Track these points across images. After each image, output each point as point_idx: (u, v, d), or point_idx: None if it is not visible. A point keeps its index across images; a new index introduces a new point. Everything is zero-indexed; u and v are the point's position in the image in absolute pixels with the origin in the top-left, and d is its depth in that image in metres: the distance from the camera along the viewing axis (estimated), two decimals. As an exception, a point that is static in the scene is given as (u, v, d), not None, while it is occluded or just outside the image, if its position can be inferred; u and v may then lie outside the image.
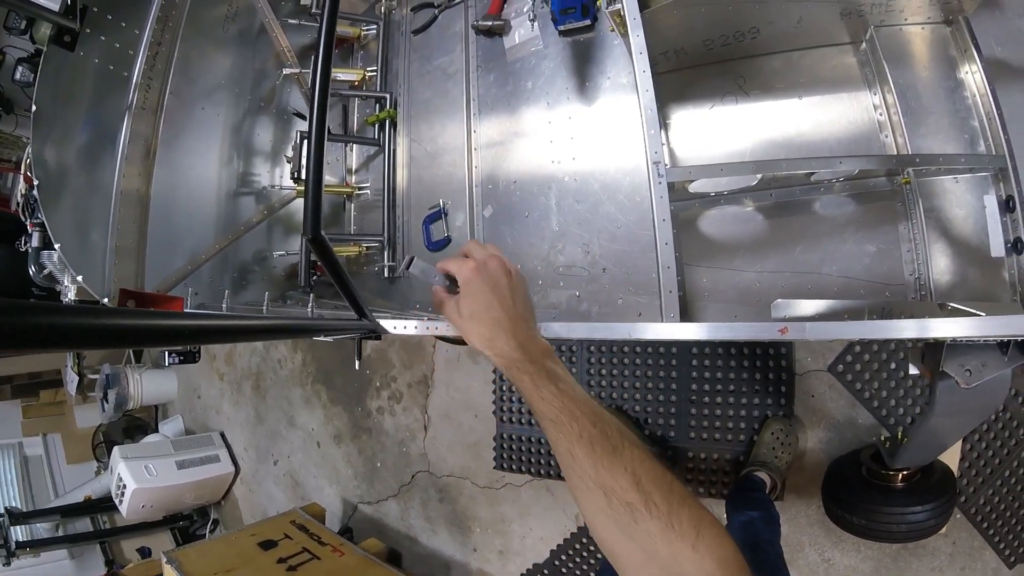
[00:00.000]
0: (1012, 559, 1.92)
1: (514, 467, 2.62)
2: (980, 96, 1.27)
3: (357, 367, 1.24)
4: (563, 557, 2.56)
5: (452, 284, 0.96)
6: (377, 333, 1.19)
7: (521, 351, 0.85)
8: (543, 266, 1.62)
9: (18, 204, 1.84)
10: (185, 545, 2.86)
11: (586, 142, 1.61)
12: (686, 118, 1.52)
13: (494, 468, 2.69)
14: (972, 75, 1.28)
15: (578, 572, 2.53)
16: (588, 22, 1.58)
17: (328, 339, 1.52)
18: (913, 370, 1.29)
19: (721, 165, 1.22)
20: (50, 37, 1.60)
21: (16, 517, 3.67)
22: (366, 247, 1.97)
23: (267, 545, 2.74)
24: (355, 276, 2.03)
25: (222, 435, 4.04)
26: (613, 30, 1.47)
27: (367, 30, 2.09)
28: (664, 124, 1.50)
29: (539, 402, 0.81)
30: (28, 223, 1.83)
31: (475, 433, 2.76)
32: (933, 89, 1.32)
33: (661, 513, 0.68)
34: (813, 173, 1.29)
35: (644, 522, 0.68)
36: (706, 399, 2.20)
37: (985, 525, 1.92)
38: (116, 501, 3.54)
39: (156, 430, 4.41)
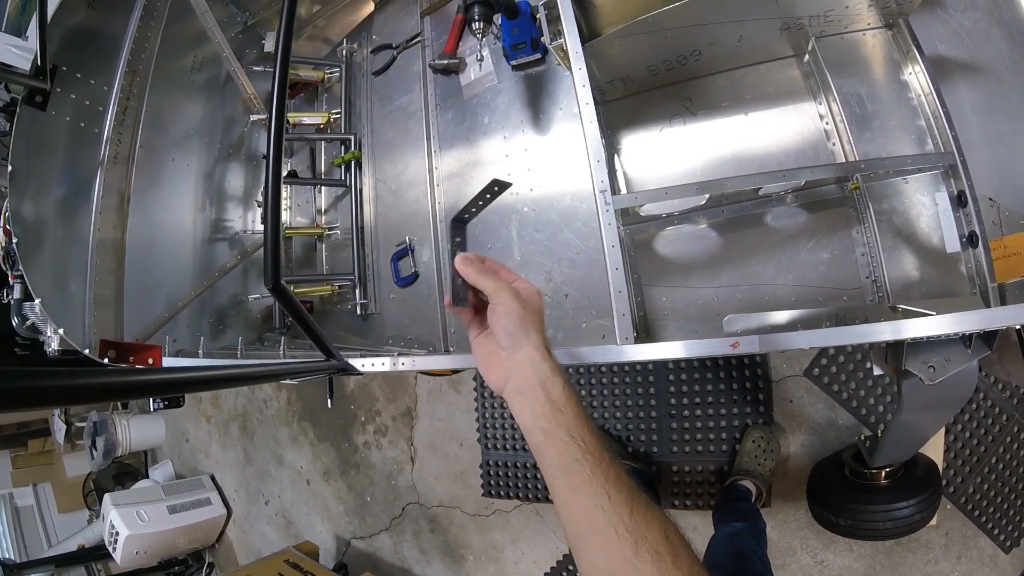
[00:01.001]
0: (1007, 543, 1.94)
1: (502, 493, 2.63)
2: (925, 95, 1.31)
3: (330, 405, 1.26)
4: (557, 580, 2.56)
5: (462, 291, 0.90)
6: (348, 371, 1.21)
7: (560, 378, 0.80)
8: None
9: (-3, 257, 1.85)
10: (179, 592, 2.83)
11: (543, 172, 1.65)
12: (637, 142, 1.56)
13: (482, 495, 2.69)
14: (916, 75, 1.32)
15: (573, 594, 2.53)
16: (539, 55, 1.63)
17: (293, 382, 1.54)
18: (877, 371, 1.31)
19: (666, 189, 1.25)
20: (23, 97, 1.63)
21: (10, 568, 3.64)
22: (338, 286, 1.99)
23: (262, 586, 2.73)
24: (328, 315, 2.05)
25: (212, 477, 4.01)
26: (559, 64, 1.52)
27: (330, 73, 2.14)
28: (615, 149, 1.55)
29: (587, 433, 0.76)
30: (9, 274, 1.84)
31: (461, 462, 2.76)
32: (878, 93, 1.36)
33: (684, 567, 0.68)
34: (759, 188, 1.32)
35: (667, 573, 0.68)
36: (686, 412, 2.22)
37: (976, 513, 1.94)
38: (110, 549, 3.50)
39: (146, 475, 4.38)
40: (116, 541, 3.40)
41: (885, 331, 0.98)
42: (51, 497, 4.65)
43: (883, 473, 1.68)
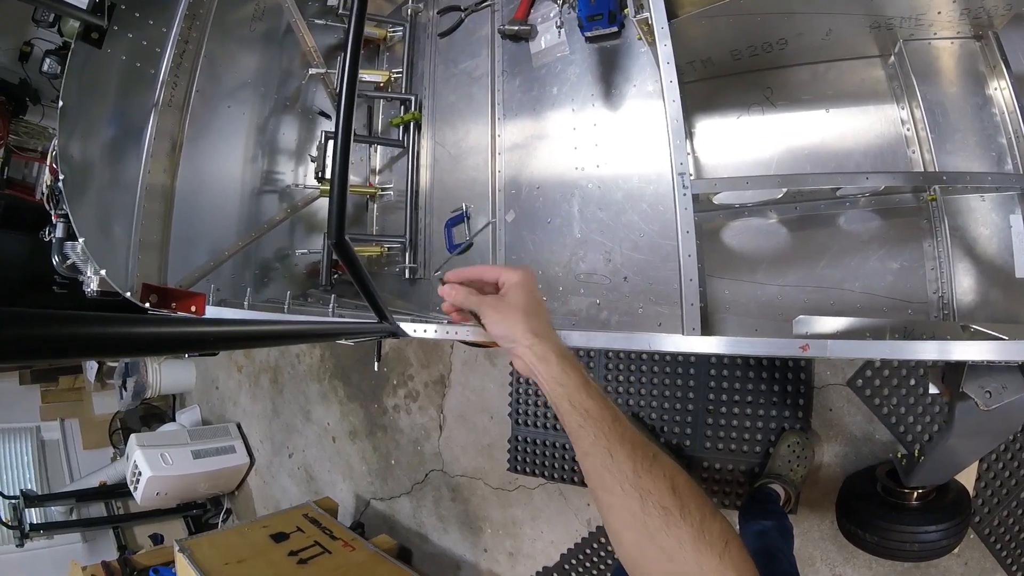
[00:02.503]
0: (1025, 582, 1.89)
1: (528, 470, 2.63)
2: (1008, 113, 1.25)
3: (376, 369, 1.24)
4: (573, 561, 2.56)
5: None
6: (398, 334, 1.20)
7: (562, 350, 0.87)
8: (564, 273, 1.62)
9: (43, 194, 1.86)
10: (197, 534, 2.90)
11: (610, 149, 1.60)
12: (712, 128, 1.51)
13: (508, 470, 2.69)
14: (1001, 91, 1.26)
15: (587, 577, 2.53)
16: (615, 29, 1.58)
17: (349, 343, 1.53)
18: (933, 389, 1.27)
19: (747, 178, 1.21)
20: (78, 34, 1.62)
21: (31, 500, 3.74)
22: (388, 248, 1.98)
23: (279, 537, 2.76)
24: (376, 277, 2.04)
25: (238, 426, 4.08)
26: (640, 38, 1.47)
27: (393, 32, 2.10)
28: (689, 134, 1.50)
29: (586, 399, 0.81)
30: (53, 213, 1.85)
31: (490, 435, 2.76)
32: (961, 105, 1.30)
33: (695, 521, 0.69)
34: (839, 188, 1.28)
35: (677, 528, 0.69)
36: (723, 409, 2.19)
37: (999, 547, 1.89)
38: (131, 488, 3.60)
39: (173, 419, 4.47)
40: (138, 481, 3.48)
41: (957, 350, 0.96)
42: (77, 433, 4.77)
43: (916, 493, 1.65)
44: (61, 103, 1.60)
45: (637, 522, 0.71)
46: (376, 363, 1.36)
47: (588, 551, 2.52)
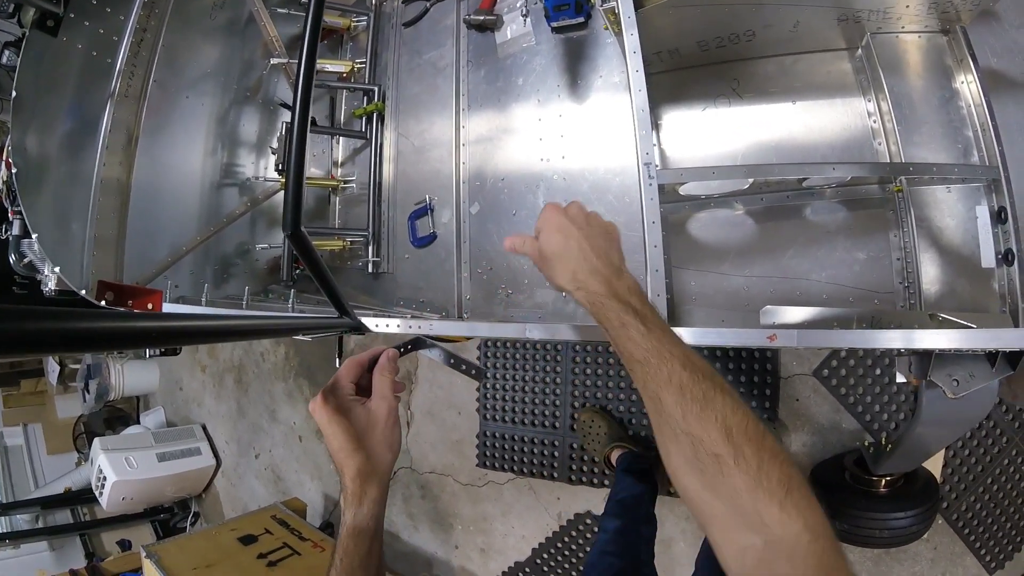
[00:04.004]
0: (992, 565, 1.93)
1: (497, 465, 2.61)
2: (975, 107, 1.26)
3: (338, 365, 1.21)
4: (544, 556, 2.55)
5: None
6: (359, 330, 1.16)
7: (607, 286, 0.82)
8: (529, 265, 1.58)
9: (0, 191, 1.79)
10: (165, 539, 2.82)
11: (576, 141, 1.58)
12: (678, 119, 1.50)
13: (477, 466, 2.68)
14: (968, 85, 1.27)
15: (559, 571, 2.52)
16: (582, 19, 1.56)
17: (306, 338, 1.49)
18: (900, 378, 1.28)
19: (713, 168, 1.20)
20: (33, 22, 1.56)
21: (-4, 508, 3.64)
22: (350, 242, 1.94)
23: (247, 540, 2.71)
24: (338, 271, 2.00)
25: (204, 428, 4.01)
26: (607, 28, 1.45)
27: (357, 21, 2.05)
28: (656, 125, 1.48)
29: (626, 342, 0.77)
30: (9, 210, 1.78)
31: (458, 431, 2.74)
32: (928, 98, 1.31)
33: (751, 468, 0.64)
34: (805, 178, 1.28)
35: (731, 476, 0.65)
36: (691, 401, 2.18)
37: (967, 531, 1.93)
38: (96, 493, 3.51)
39: (137, 421, 4.38)
40: (103, 486, 3.40)
41: (925, 338, 0.95)
42: (41, 438, 4.66)
43: (884, 481, 1.68)
44: (15, 94, 1.55)
45: (693, 469, 0.68)
46: (338, 360, 1.33)
47: (559, 545, 2.51)
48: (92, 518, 4.06)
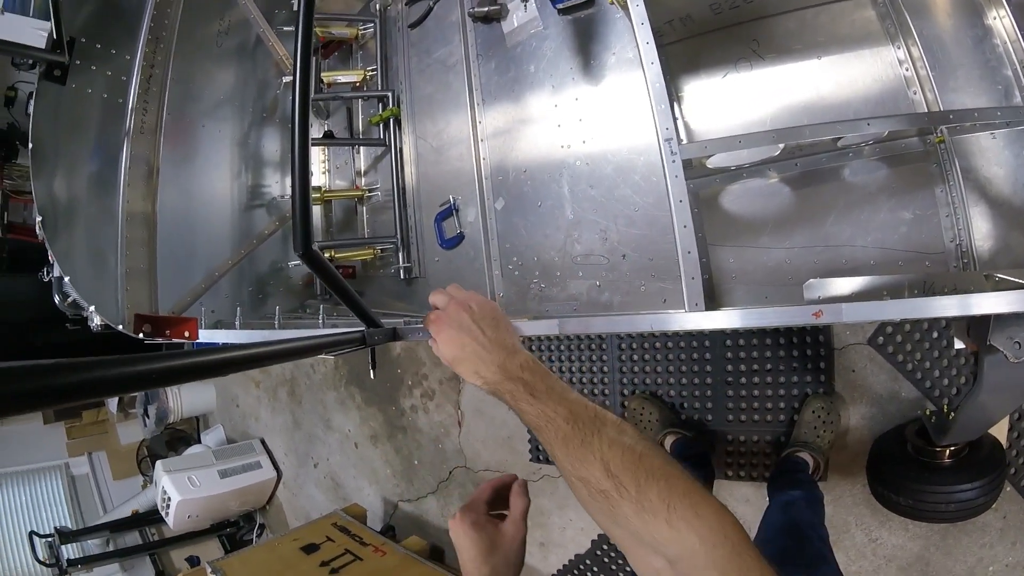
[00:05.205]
0: (1065, 532, 1.81)
1: (550, 459, 2.58)
2: (1011, 43, 1.16)
3: (372, 376, 1.21)
4: (604, 547, 2.52)
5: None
6: (394, 338, 1.15)
7: (501, 373, 0.88)
8: (560, 257, 1.56)
9: (40, 234, 1.85)
10: (229, 554, 2.90)
11: (595, 123, 1.53)
12: (699, 89, 1.43)
13: (530, 460, 2.67)
14: (1000, 20, 1.18)
15: (620, 560, 2.49)
16: (588, -4, 1.51)
17: (330, 356, 1.49)
18: (959, 344, 1.21)
19: (739, 137, 1.14)
20: (41, 73, 1.59)
21: (66, 536, 3.79)
22: (380, 249, 1.94)
23: (310, 549, 2.76)
24: (371, 280, 2.00)
25: (262, 441, 4.10)
26: (612, 3, 1.39)
27: (364, 29, 2.05)
28: (676, 97, 1.42)
29: (522, 414, 0.84)
30: (50, 252, 1.84)
31: (508, 427, 2.73)
32: (960, 39, 1.22)
33: (631, 494, 0.68)
34: (840, 138, 1.20)
35: (619, 506, 0.69)
36: (743, 380, 2.12)
37: (1037, 498, 1.81)
38: (163, 514, 3.62)
39: (198, 441, 4.50)
40: (169, 506, 3.50)
41: (981, 303, 0.89)
42: (106, 465, 4.84)
43: (948, 451, 1.58)
44: (31, 145, 1.58)
45: (592, 508, 0.73)
46: (372, 371, 1.33)
47: (619, 536, 2.47)
48: (160, 537, 4.21)
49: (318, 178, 2.19)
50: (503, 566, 0.90)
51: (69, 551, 3.77)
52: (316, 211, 2.13)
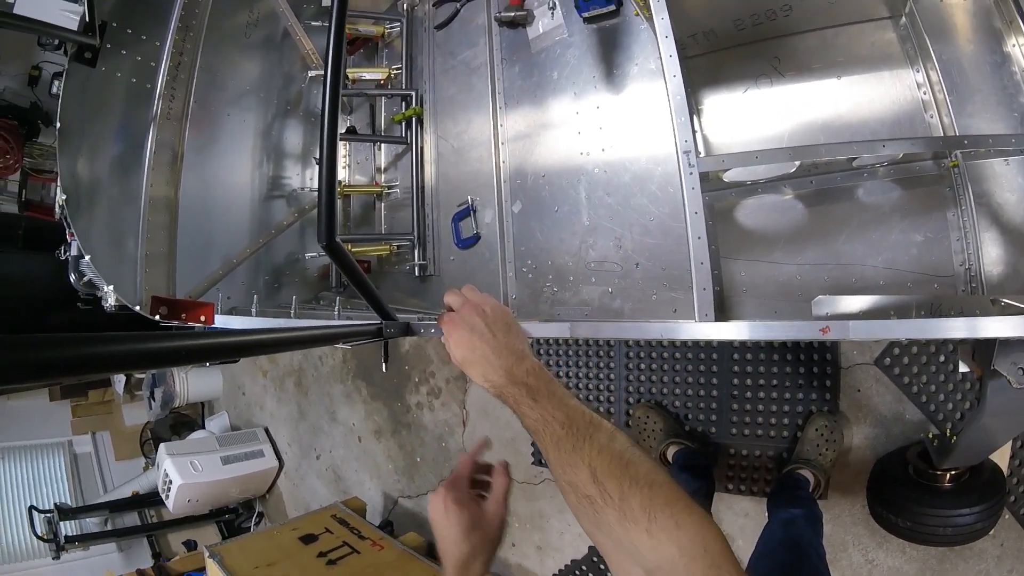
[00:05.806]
0: (1063, 562, 1.81)
1: (545, 462, 2.59)
2: None
3: (384, 369, 1.23)
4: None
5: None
6: (407, 333, 1.18)
7: (508, 376, 0.89)
8: (574, 262, 1.58)
9: (59, 213, 1.88)
10: (227, 540, 2.92)
11: (615, 132, 1.55)
12: (719, 103, 1.46)
13: (532, 463, 2.67)
14: (1019, 48, 1.19)
15: (616, 569, 2.49)
16: (612, 7, 1.53)
17: (346, 346, 1.51)
18: (963, 368, 1.22)
19: (756, 152, 1.16)
20: (71, 55, 1.63)
21: (65, 513, 3.84)
22: (397, 246, 1.96)
23: (308, 539, 2.78)
24: (385, 275, 2.02)
25: (266, 430, 4.13)
26: (637, 14, 1.42)
27: (391, 28, 2.08)
28: (695, 110, 1.44)
29: (522, 417, 0.86)
30: (68, 232, 1.87)
31: (512, 428, 2.74)
32: (979, 64, 1.24)
33: (614, 501, 0.69)
34: (855, 158, 1.22)
35: (603, 512, 0.70)
36: (748, 394, 2.13)
37: (1035, 527, 1.81)
38: (163, 496, 3.66)
39: (203, 426, 4.53)
40: (169, 489, 3.54)
41: (987, 326, 0.90)
42: (109, 445, 4.89)
43: (948, 475, 1.58)
44: (59, 125, 1.61)
45: (578, 513, 0.74)
46: (384, 364, 1.35)
47: (617, 542, 2.48)
48: (159, 520, 4.24)
49: (339, 172, 2.22)
50: (482, 545, 0.91)
51: (67, 528, 3.82)
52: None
